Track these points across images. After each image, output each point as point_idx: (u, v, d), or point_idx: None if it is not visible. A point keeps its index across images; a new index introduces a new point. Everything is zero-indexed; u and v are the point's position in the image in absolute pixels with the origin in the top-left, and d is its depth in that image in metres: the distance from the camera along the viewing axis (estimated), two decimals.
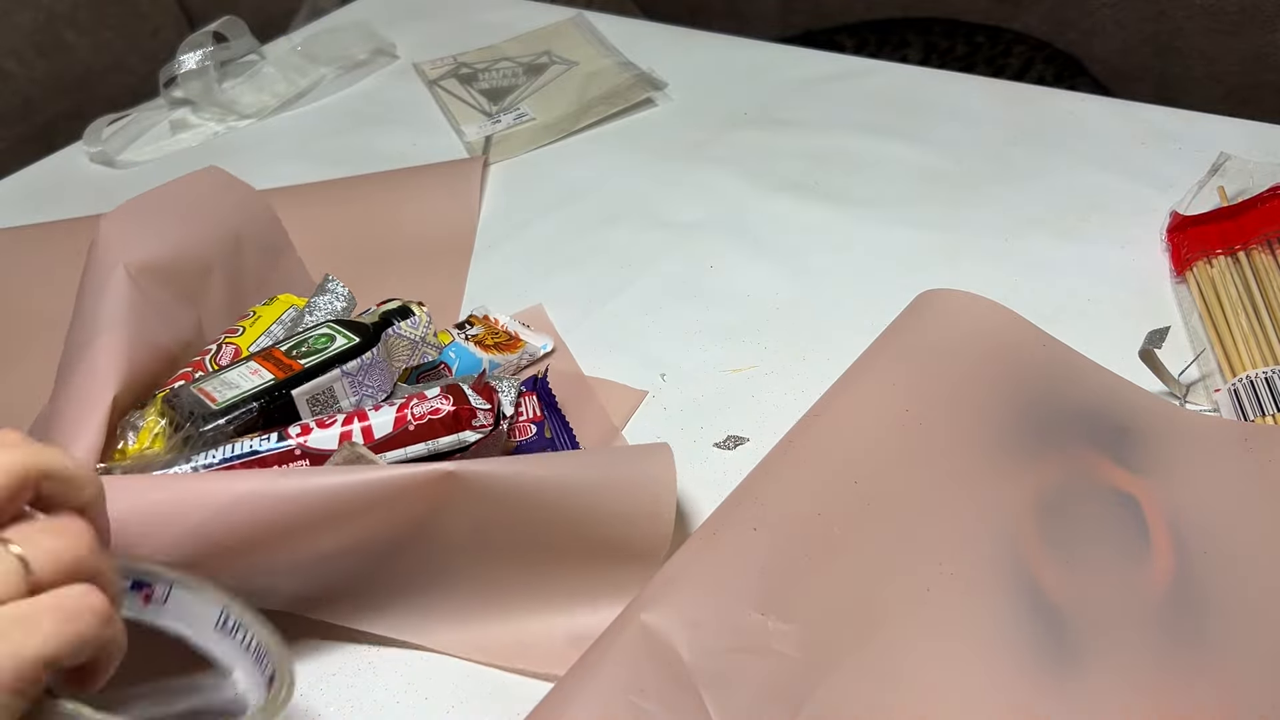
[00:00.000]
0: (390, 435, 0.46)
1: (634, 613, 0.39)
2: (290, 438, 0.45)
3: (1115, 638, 0.39)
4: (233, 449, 0.45)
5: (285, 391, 0.47)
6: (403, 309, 0.54)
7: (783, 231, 0.67)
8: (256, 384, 0.48)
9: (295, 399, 0.48)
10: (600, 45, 0.92)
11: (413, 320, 0.54)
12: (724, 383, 0.56)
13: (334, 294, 0.56)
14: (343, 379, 0.49)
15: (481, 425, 0.47)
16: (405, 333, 0.53)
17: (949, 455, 0.45)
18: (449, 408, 0.46)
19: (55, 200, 0.81)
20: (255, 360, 0.49)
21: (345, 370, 0.49)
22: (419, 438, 0.46)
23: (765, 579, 0.40)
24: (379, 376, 0.50)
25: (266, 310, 0.55)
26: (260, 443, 0.45)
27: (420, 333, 0.54)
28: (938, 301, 0.52)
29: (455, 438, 0.46)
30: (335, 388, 0.49)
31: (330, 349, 0.49)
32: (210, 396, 0.47)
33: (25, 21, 1.14)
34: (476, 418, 0.47)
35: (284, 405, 0.47)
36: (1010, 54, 1.33)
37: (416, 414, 0.46)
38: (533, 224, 0.71)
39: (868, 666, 0.39)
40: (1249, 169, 0.64)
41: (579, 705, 0.37)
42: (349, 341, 0.50)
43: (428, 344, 0.54)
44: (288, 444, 0.45)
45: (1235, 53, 1.32)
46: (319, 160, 0.81)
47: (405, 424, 0.46)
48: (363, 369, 0.49)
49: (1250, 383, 0.49)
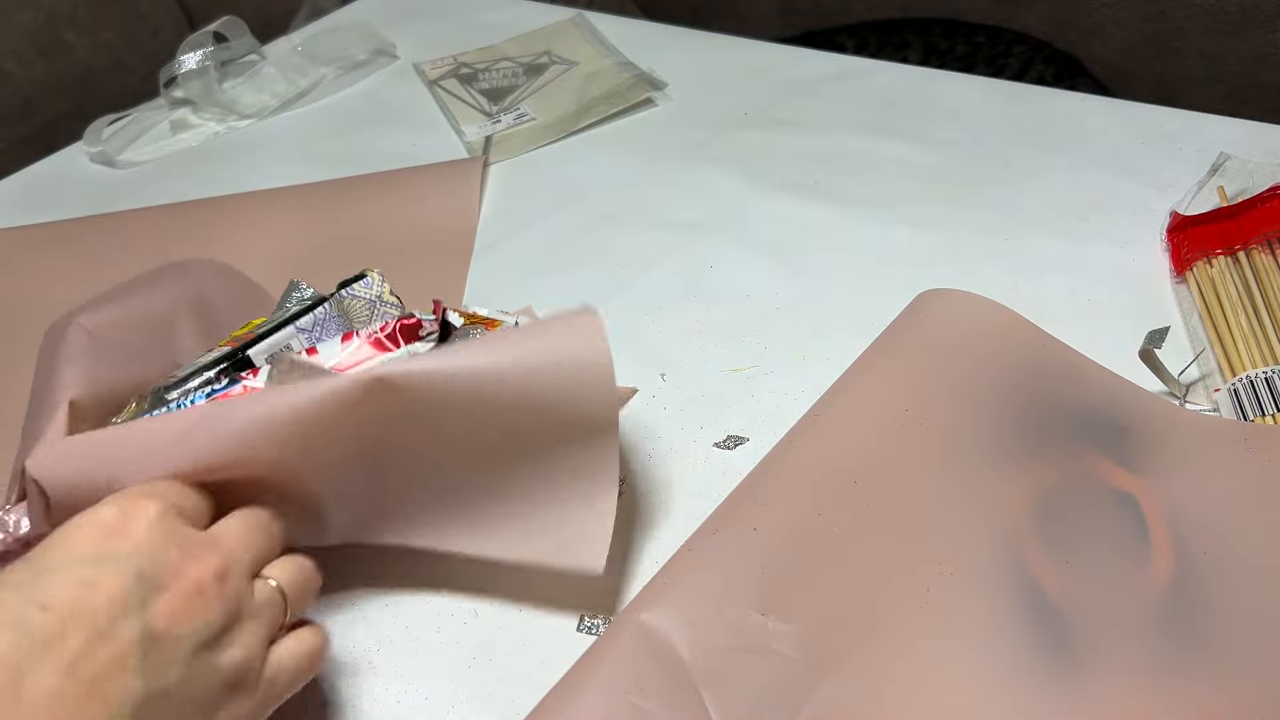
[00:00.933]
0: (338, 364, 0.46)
1: (633, 612, 0.39)
2: (240, 380, 0.45)
3: (1115, 637, 0.39)
4: (185, 402, 0.45)
5: (243, 354, 0.48)
6: (360, 275, 0.54)
7: (783, 231, 0.67)
8: (213, 356, 0.48)
9: (252, 358, 0.48)
10: (600, 45, 0.92)
11: (365, 281, 0.53)
12: (724, 383, 0.56)
13: (300, 294, 0.56)
14: (297, 334, 0.49)
15: (430, 333, 0.47)
16: (359, 293, 0.53)
17: (949, 455, 0.45)
18: (394, 323, 0.47)
19: (55, 200, 0.81)
20: (223, 344, 0.50)
21: (299, 326, 0.49)
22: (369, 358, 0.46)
23: (765, 579, 0.40)
24: (334, 331, 0.50)
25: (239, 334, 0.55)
26: (210, 391, 0.45)
27: (375, 292, 0.53)
28: (938, 301, 0.52)
29: (404, 350, 0.46)
30: (292, 343, 0.49)
31: (284, 314, 0.50)
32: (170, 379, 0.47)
33: (25, 21, 1.14)
34: (423, 327, 0.47)
35: (242, 366, 0.47)
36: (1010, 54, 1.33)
37: (363, 335, 0.47)
38: (533, 224, 0.71)
39: (868, 666, 0.39)
40: (1249, 169, 0.64)
41: (579, 705, 0.37)
42: (302, 305, 0.51)
43: (384, 303, 0.53)
44: (236, 386, 0.45)
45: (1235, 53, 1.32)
46: (319, 160, 0.81)
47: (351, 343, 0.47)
48: (316, 324, 0.50)
49: (1250, 383, 0.49)
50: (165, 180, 0.82)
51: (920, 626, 0.40)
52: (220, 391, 0.45)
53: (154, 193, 0.80)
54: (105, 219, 0.77)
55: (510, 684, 0.43)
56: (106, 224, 0.76)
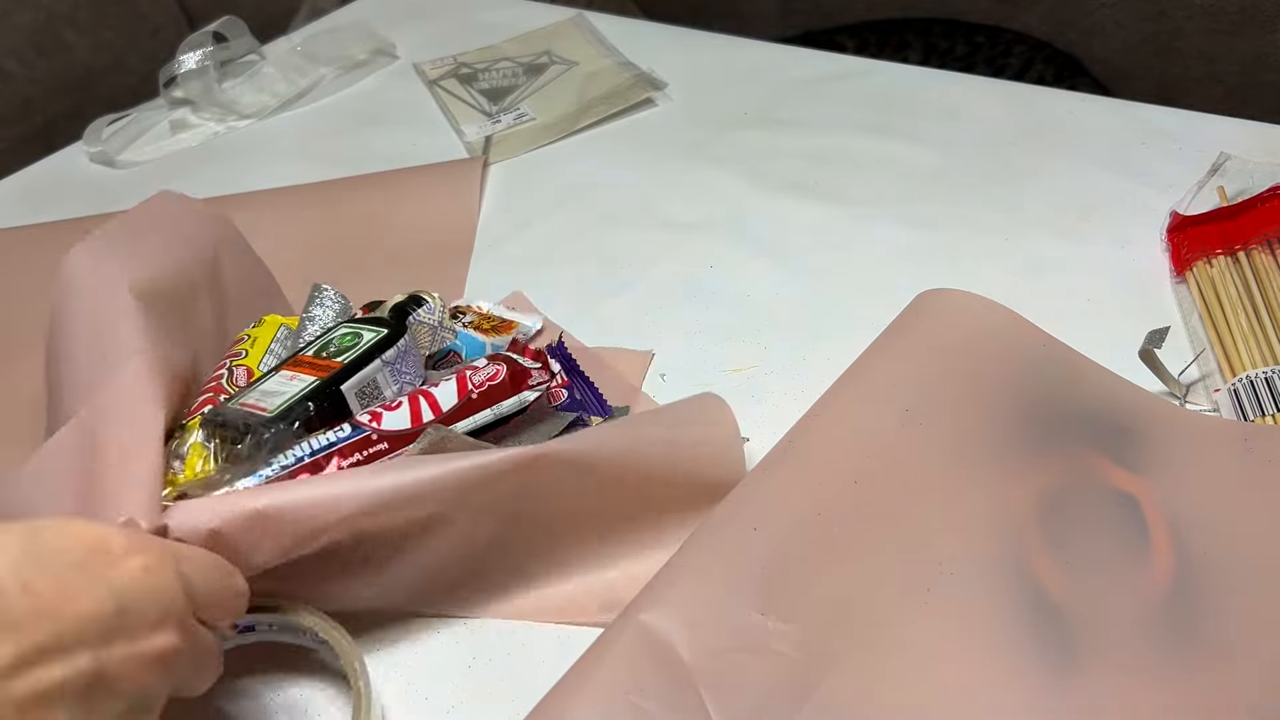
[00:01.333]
0: (457, 406, 0.47)
1: (634, 613, 0.39)
2: (363, 425, 0.45)
3: (1115, 637, 0.39)
4: (308, 446, 0.44)
5: (335, 388, 0.47)
6: (414, 298, 0.54)
7: (783, 231, 0.67)
8: (301, 386, 0.47)
9: (345, 394, 0.47)
10: (600, 45, 0.92)
11: (428, 306, 0.54)
12: (724, 383, 0.56)
13: (328, 301, 0.56)
14: (383, 369, 0.49)
15: (538, 383, 0.49)
16: (424, 319, 0.53)
17: (949, 455, 0.45)
18: (505, 371, 0.48)
19: (55, 200, 0.81)
20: (286, 369, 0.49)
21: (384, 360, 0.49)
22: (484, 404, 0.47)
23: (765, 579, 0.40)
24: (413, 363, 0.51)
25: (258, 332, 0.54)
26: (334, 434, 0.45)
27: (437, 317, 0.54)
28: (938, 301, 0.51)
29: (516, 399, 0.48)
30: (378, 378, 0.49)
31: (362, 343, 0.50)
32: (258, 408, 0.46)
33: (25, 21, 1.14)
34: (532, 377, 0.49)
35: (335, 402, 0.47)
36: (1010, 54, 1.33)
37: (476, 382, 0.48)
38: (533, 224, 0.71)
39: (868, 666, 0.39)
40: (1249, 169, 0.64)
41: (579, 705, 0.37)
42: (378, 333, 0.50)
43: (444, 328, 0.55)
44: (362, 431, 0.45)
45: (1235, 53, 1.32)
46: (319, 160, 0.81)
47: (468, 393, 0.47)
48: (399, 356, 0.50)
49: (1250, 383, 0.49)
50: (165, 180, 0.82)
51: (920, 626, 0.40)
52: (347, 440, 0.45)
53: (153, 192, 0.80)
54: (105, 219, 0.77)
55: (510, 684, 0.43)
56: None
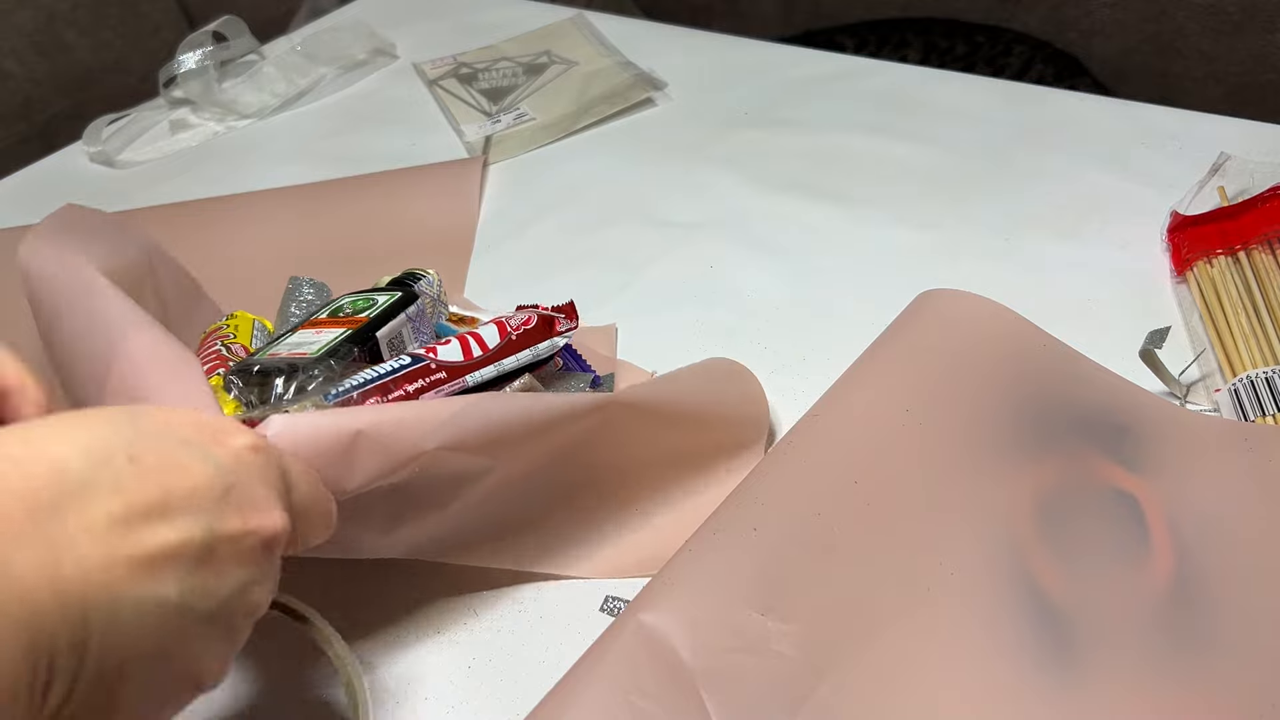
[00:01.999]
0: (500, 344, 0.48)
1: (633, 613, 0.39)
2: (421, 355, 0.46)
3: (1115, 637, 0.39)
4: (373, 372, 0.44)
5: (372, 334, 0.48)
6: (410, 274, 0.55)
7: (783, 231, 0.67)
8: (337, 334, 0.47)
9: (379, 340, 0.48)
10: (600, 45, 0.92)
11: (428, 280, 0.55)
12: None
13: (304, 289, 0.56)
14: (408, 324, 0.50)
15: (568, 329, 0.51)
16: (427, 290, 0.54)
17: (949, 455, 0.45)
18: (536, 317, 0.50)
19: (55, 200, 0.80)
20: (306, 329, 0.49)
21: (408, 315, 0.50)
22: (523, 345, 0.49)
23: (765, 579, 0.40)
24: (427, 325, 0.52)
25: (235, 322, 0.54)
26: (395, 362, 0.45)
27: (436, 290, 0.55)
28: (938, 301, 0.51)
29: (549, 343, 0.50)
30: (403, 333, 0.50)
31: (380, 303, 0.50)
32: (298, 354, 0.46)
33: (25, 21, 1.14)
34: (560, 324, 0.51)
35: (373, 349, 0.48)
36: (1010, 54, 1.33)
37: (514, 324, 0.49)
38: (533, 224, 0.71)
39: (868, 666, 0.39)
40: (1249, 169, 0.64)
41: (578, 705, 0.37)
42: (393, 295, 0.51)
43: (441, 302, 0.55)
44: (422, 360, 0.45)
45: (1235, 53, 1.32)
46: (319, 160, 0.81)
47: (508, 334, 0.49)
48: (420, 314, 0.51)
49: (1250, 383, 0.49)
50: (165, 180, 0.82)
51: (920, 626, 0.40)
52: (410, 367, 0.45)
53: (154, 193, 0.80)
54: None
55: (510, 684, 0.43)
56: None
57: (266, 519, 0.31)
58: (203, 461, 0.30)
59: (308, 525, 0.35)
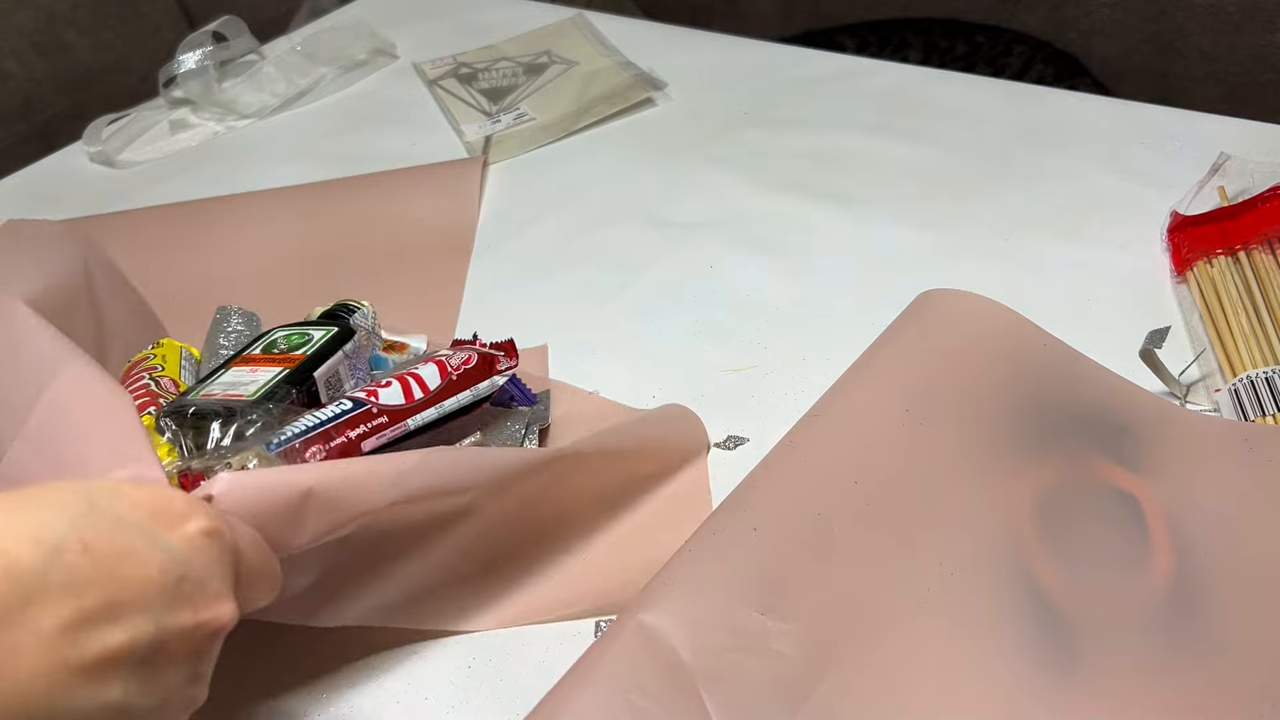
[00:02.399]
0: (441, 385, 0.47)
1: (633, 612, 0.39)
2: (362, 399, 0.45)
3: (1115, 637, 0.39)
4: (314, 418, 0.43)
5: (309, 373, 0.47)
6: (342, 305, 0.54)
7: (783, 231, 0.67)
8: (273, 374, 0.46)
9: (317, 380, 0.47)
10: (600, 45, 0.92)
11: (362, 312, 0.54)
12: (724, 383, 0.56)
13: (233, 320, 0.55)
14: (345, 361, 0.49)
15: (506, 369, 0.50)
16: (362, 323, 0.54)
17: (949, 455, 0.45)
18: (476, 356, 0.49)
19: (55, 200, 0.81)
20: (238, 366, 0.48)
21: (345, 352, 0.49)
22: (463, 385, 0.48)
23: (765, 579, 0.40)
24: (363, 361, 0.51)
25: (161, 352, 0.53)
26: (336, 408, 0.44)
27: (370, 322, 0.54)
28: (938, 301, 0.51)
29: (488, 382, 0.49)
30: (340, 370, 0.49)
31: (316, 339, 0.49)
32: (231, 396, 0.45)
33: (25, 21, 1.14)
34: (500, 362, 0.50)
35: (311, 389, 0.47)
36: (1010, 54, 1.33)
37: (454, 364, 0.49)
38: (532, 224, 0.71)
39: (867, 666, 0.39)
40: (1249, 169, 0.63)
41: (578, 705, 0.37)
42: (329, 330, 0.50)
43: (375, 334, 0.55)
44: (363, 405, 0.45)
45: (1235, 53, 1.32)
46: (319, 160, 0.81)
47: (448, 375, 0.48)
48: (356, 350, 0.50)
49: (1250, 383, 0.49)
50: (165, 180, 0.82)
51: (920, 626, 0.40)
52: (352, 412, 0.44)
53: (154, 193, 0.80)
54: (105, 219, 0.77)
55: (510, 684, 0.43)
56: (106, 224, 0.76)
57: (217, 610, 0.31)
58: (157, 550, 0.29)
59: (253, 590, 0.34)
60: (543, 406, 0.53)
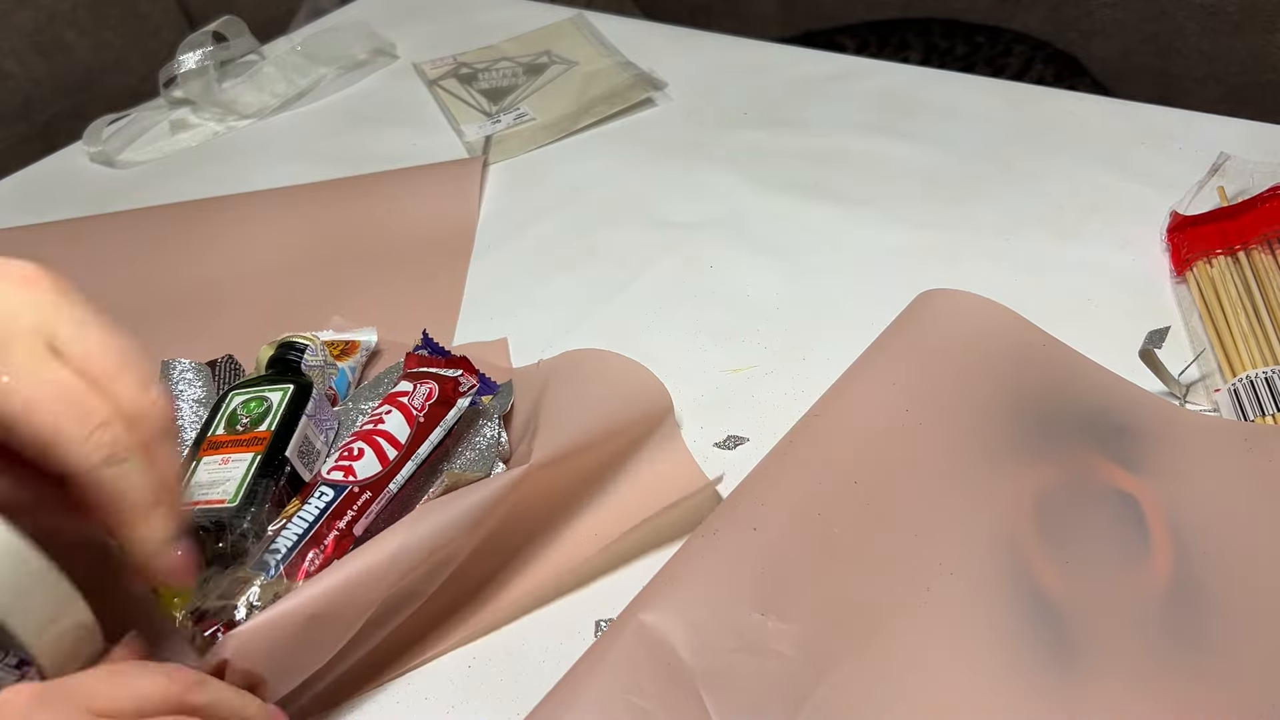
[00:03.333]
0: (412, 435, 0.46)
1: (633, 612, 0.39)
2: (339, 482, 0.44)
3: (1115, 637, 0.39)
4: (301, 523, 0.43)
5: (281, 456, 0.45)
6: (287, 344, 0.52)
7: (783, 231, 0.67)
8: (244, 466, 0.45)
9: (290, 460, 0.46)
10: (600, 45, 0.92)
11: (311, 349, 0.53)
12: (724, 383, 0.56)
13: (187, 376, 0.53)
14: (309, 423, 0.48)
15: (469, 389, 0.49)
16: (312, 362, 0.52)
17: (949, 455, 0.45)
18: (436, 387, 0.48)
19: (55, 200, 0.81)
20: (207, 456, 0.46)
21: (308, 414, 0.48)
22: (431, 425, 0.47)
23: (765, 579, 0.40)
24: (326, 409, 0.50)
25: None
26: (317, 501, 0.43)
27: (320, 358, 0.53)
28: (938, 301, 0.52)
29: (455, 409, 0.48)
30: (308, 434, 0.47)
31: (276, 404, 0.47)
32: (212, 501, 0.44)
33: (25, 21, 1.14)
34: (461, 384, 0.49)
35: (290, 474, 0.46)
36: (1010, 54, 1.33)
37: (417, 405, 0.47)
38: (532, 224, 0.71)
39: (867, 666, 0.39)
40: (1249, 169, 0.63)
41: (578, 705, 0.37)
42: (285, 390, 0.48)
43: (330, 365, 0.54)
44: (343, 489, 0.44)
45: (1235, 53, 1.32)
46: (319, 160, 0.81)
47: (415, 419, 0.47)
48: (318, 408, 0.49)
49: (1250, 383, 0.49)
50: (165, 180, 0.82)
51: (920, 626, 0.40)
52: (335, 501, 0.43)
53: (154, 193, 0.80)
54: (105, 219, 0.77)
55: (510, 684, 0.43)
56: (106, 224, 0.76)
57: None
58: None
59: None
60: (505, 396, 0.52)
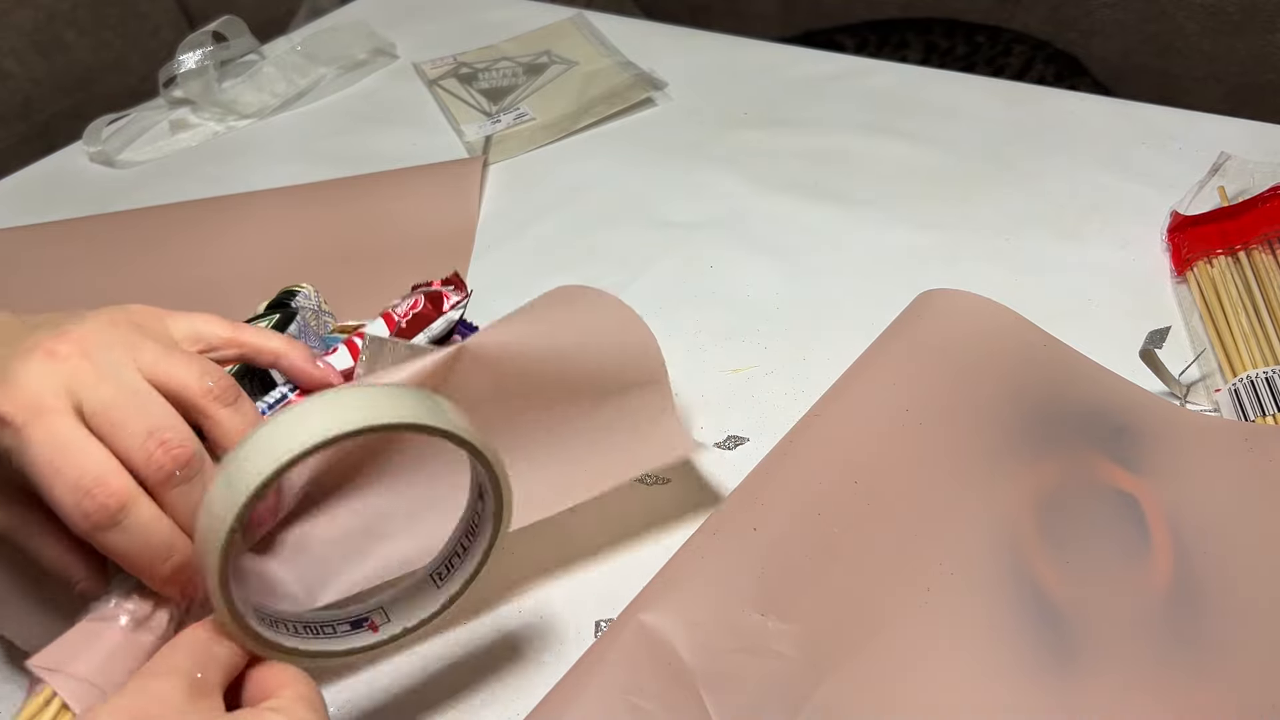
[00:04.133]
0: (392, 336, 0.47)
1: (633, 613, 0.39)
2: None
3: (1115, 637, 0.39)
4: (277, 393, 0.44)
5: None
6: (287, 291, 0.54)
7: (783, 231, 0.67)
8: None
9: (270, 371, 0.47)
10: (600, 45, 0.92)
11: (304, 294, 0.54)
12: (724, 383, 0.56)
13: None
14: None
15: (457, 302, 0.50)
16: (304, 304, 0.53)
17: (949, 455, 0.45)
18: (423, 298, 0.49)
19: (55, 200, 0.81)
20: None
21: (290, 335, 0.49)
22: (414, 330, 0.48)
23: (765, 579, 0.40)
24: (313, 339, 0.51)
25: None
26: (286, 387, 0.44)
27: (314, 302, 0.54)
28: (938, 301, 0.52)
29: (443, 320, 0.49)
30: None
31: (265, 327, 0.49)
32: None
33: (25, 21, 1.14)
34: (448, 299, 0.49)
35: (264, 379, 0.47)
36: (1010, 54, 1.33)
37: (400, 312, 0.48)
38: (533, 224, 0.71)
39: (868, 667, 0.39)
40: (1249, 169, 0.64)
41: (578, 705, 0.37)
42: (270, 319, 0.50)
43: (324, 312, 0.55)
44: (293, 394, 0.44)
45: (1235, 53, 1.32)
46: (319, 160, 0.81)
47: (396, 325, 0.47)
48: (302, 330, 0.50)
49: (1250, 383, 0.49)
50: (165, 180, 0.82)
51: (920, 626, 0.40)
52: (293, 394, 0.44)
53: (154, 193, 0.80)
54: (105, 219, 0.77)
55: (510, 684, 0.43)
56: (106, 224, 0.76)
57: None
58: None
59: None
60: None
